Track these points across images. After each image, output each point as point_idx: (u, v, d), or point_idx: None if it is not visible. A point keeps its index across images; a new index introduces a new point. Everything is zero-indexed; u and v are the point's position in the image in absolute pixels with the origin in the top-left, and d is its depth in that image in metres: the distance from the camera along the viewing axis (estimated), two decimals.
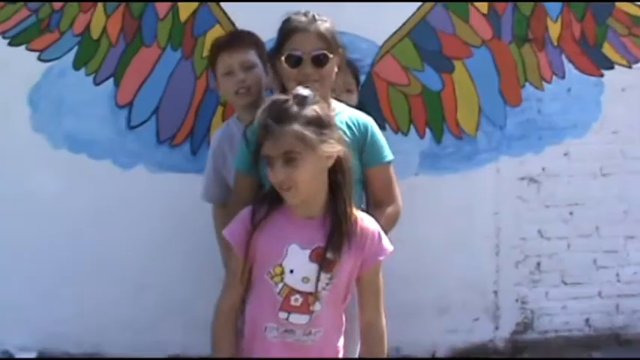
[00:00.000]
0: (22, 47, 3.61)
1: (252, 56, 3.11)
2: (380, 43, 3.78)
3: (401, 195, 2.84)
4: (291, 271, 2.27)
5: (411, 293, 3.87)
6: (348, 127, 2.70)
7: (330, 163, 2.25)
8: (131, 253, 3.74)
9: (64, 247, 3.69)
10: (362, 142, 2.71)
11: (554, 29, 3.92)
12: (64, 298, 3.72)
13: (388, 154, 2.78)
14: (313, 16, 2.73)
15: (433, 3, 3.79)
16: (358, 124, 2.73)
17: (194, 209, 3.71)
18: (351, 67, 3.32)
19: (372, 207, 2.81)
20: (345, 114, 2.74)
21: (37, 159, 3.66)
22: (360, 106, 3.11)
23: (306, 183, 2.22)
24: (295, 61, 2.67)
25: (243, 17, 3.63)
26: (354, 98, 3.32)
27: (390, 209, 2.78)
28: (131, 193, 3.71)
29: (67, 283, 3.72)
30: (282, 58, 2.69)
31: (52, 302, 3.70)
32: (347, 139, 2.66)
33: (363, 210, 2.60)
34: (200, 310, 3.62)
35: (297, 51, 2.67)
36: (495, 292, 4.06)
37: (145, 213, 3.72)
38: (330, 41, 2.71)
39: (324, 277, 2.26)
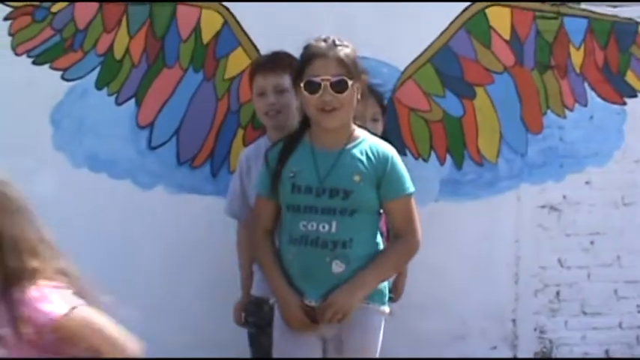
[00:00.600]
0: (46, 66, 3.63)
1: (285, 80, 3.09)
2: (402, 68, 3.78)
3: (421, 226, 2.80)
4: None
5: (429, 320, 3.85)
6: (368, 157, 2.67)
7: None
8: (149, 274, 3.73)
9: (82, 266, 3.67)
10: (380, 174, 2.67)
11: (576, 56, 3.91)
12: None
13: (409, 187, 2.74)
14: (333, 42, 2.69)
15: (455, 29, 3.79)
16: (378, 154, 2.69)
17: (213, 231, 3.72)
18: (375, 95, 3.31)
19: (392, 238, 2.78)
20: (366, 143, 2.71)
21: (57, 178, 3.66)
22: (385, 135, 3.11)
23: None
24: (314, 88, 2.63)
25: (265, 40, 3.65)
26: (380, 127, 3.31)
27: (408, 242, 2.75)
28: (151, 213, 3.71)
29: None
30: (302, 85, 2.66)
31: None
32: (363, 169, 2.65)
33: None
34: (219, 332, 3.68)
35: (316, 77, 2.63)
36: (514, 321, 4.02)
37: (164, 234, 3.71)
38: (350, 67, 2.66)
39: None
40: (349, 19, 3.68)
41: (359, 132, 2.75)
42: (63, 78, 3.64)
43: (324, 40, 2.70)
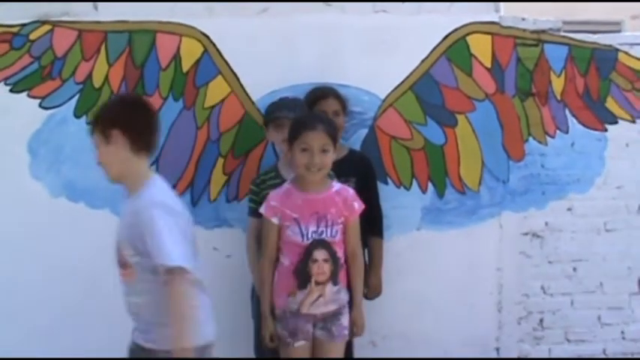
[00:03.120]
0: (24, 94, 3.61)
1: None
2: (383, 96, 3.77)
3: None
4: None
5: (412, 349, 3.82)
6: None
7: None
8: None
9: (61, 295, 3.64)
10: None
11: (557, 83, 3.92)
12: (60, 345, 3.65)
13: None
14: None
15: (436, 57, 3.79)
16: None
17: None
18: (325, 124, 3.07)
19: None
20: None
21: (35, 207, 3.62)
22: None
23: None
24: None
25: (245, 68, 3.64)
26: (329, 158, 3.03)
27: None
28: None
29: (65, 330, 3.66)
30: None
31: (49, 348, 3.63)
32: None
33: None
34: None
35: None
36: (497, 349, 3.99)
37: None
38: None
39: None
40: (331, 48, 3.68)
41: None
42: (41, 106, 3.62)
43: None
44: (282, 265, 3.05)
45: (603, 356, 4.09)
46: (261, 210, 3.07)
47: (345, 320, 3.10)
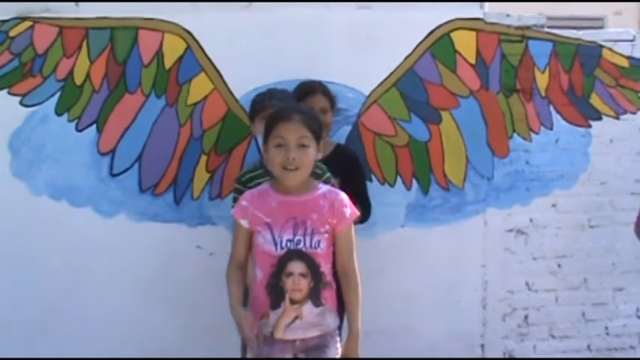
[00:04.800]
0: (4, 91, 3.56)
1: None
2: (367, 92, 3.76)
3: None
4: None
5: (397, 346, 3.82)
6: None
7: None
8: (112, 303, 3.66)
9: (42, 295, 3.61)
10: None
11: (542, 80, 3.91)
12: (43, 347, 3.62)
13: None
14: None
15: (420, 53, 3.77)
16: None
17: (176, 260, 3.67)
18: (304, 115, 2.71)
19: None
20: None
21: (16, 205, 3.58)
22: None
23: None
24: None
25: (228, 65, 3.62)
26: (311, 153, 2.61)
27: None
28: (112, 242, 3.64)
29: (47, 332, 3.63)
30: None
31: (31, 353, 3.60)
32: None
33: None
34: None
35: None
36: (482, 346, 4.00)
37: (125, 263, 3.65)
38: None
39: None
40: (315, 44, 3.67)
41: None
42: (22, 104, 3.57)
43: None
44: (256, 280, 2.63)
45: (588, 352, 4.10)
46: (232, 210, 2.71)
47: (333, 352, 2.65)
